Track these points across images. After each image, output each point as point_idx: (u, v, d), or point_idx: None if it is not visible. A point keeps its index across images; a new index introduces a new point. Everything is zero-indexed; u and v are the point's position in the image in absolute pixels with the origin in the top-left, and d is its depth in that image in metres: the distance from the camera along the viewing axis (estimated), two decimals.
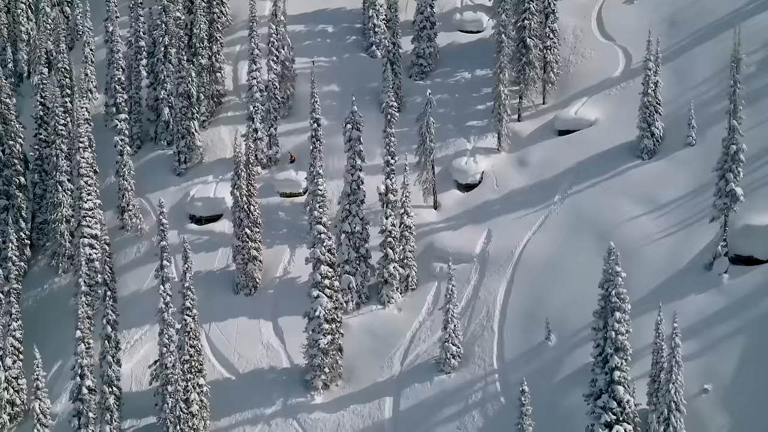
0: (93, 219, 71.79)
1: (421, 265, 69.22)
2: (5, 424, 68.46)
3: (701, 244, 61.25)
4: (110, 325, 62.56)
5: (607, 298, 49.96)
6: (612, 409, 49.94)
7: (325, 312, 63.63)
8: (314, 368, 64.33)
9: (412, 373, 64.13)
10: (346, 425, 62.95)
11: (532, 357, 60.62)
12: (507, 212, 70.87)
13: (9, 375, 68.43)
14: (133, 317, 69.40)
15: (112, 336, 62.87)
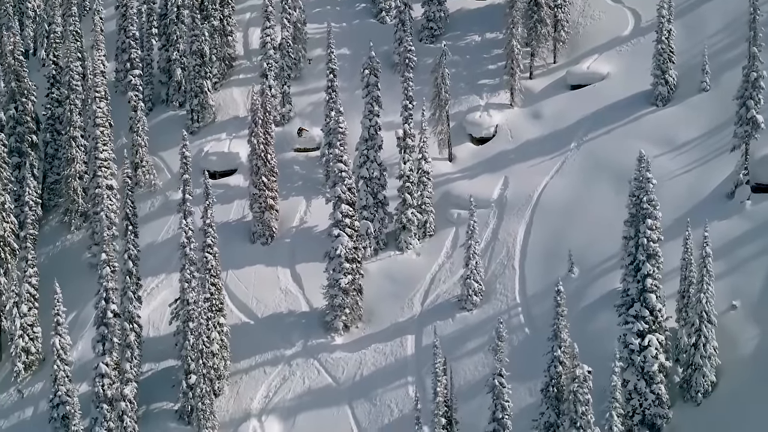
0: (108, 170, 71.57)
1: (438, 213, 69.23)
2: (20, 372, 67.82)
3: (722, 176, 61.65)
4: (131, 260, 62.16)
5: (638, 205, 50.19)
6: (644, 318, 49.95)
7: (346, 251, 63.54)
8: (334, 309, 64.09)
9: (434, 312, 64.02)
10: (368, 363, 62.69)
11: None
12: (523, 160, 71.19)
13: (24, 322, 67.94)
14: (149, 267, 68.98)
15: (134, 271, 62.44)
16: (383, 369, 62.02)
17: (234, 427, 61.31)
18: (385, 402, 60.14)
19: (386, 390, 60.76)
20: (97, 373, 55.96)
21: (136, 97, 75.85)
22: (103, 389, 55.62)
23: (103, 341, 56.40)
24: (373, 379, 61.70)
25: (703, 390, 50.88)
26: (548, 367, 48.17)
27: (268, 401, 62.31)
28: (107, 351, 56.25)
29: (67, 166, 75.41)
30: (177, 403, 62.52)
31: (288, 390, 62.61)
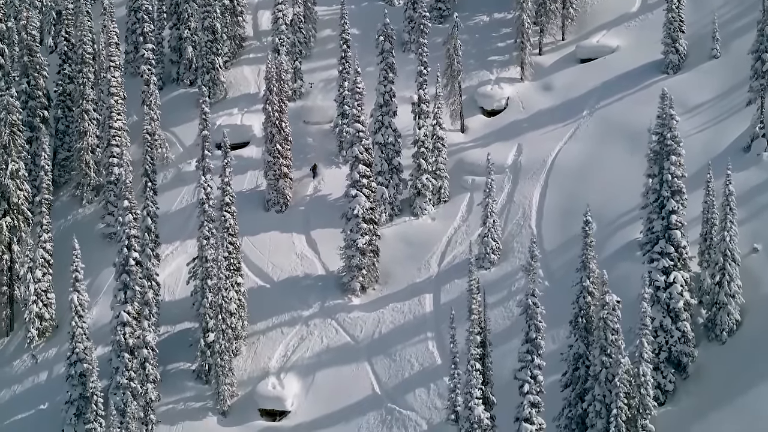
0: (122, 139, 71.71)
1: (452, 181, 69.49)
2: (34, 338, 67.42)
3: (737, 132, 62.18)
4: (150, 217, 62.06)
5: (662, 142, 50.56)
6: (669, 255, 50.14)
7: (363, 211, 63.67)
8: (351, 269, 64.10)
9: (451, 271, 64.14)
10: (386, 321, 62.67)
11: (574, 244, 60.26)
12: (535, 129, 71.68)
13: (38, 288, 67.65)
14: (163, 235, 68.59)
15: (152, 228, 62.30)
16: (401, 326, 62.04)
17: (252, 385, 61.10)
18: (405, 357, 60.10)
19: (405, 346, 60.74)
20: (119, 322, 55.67)
21: (148, 71, 76.16)
22: (125, 338, 55.29)
23: (125, 289, 56.16)
24: (391, 336, 61.70)
25: (728, 329, 50.92)
26: (577, 298, 48.24)
27: (286, 360, 62.20)
28: (129, 300, 56.00)
29: (79, 139, 75.41)
30: (194, 363, 62.35)
31: (306, 349, 62.53)
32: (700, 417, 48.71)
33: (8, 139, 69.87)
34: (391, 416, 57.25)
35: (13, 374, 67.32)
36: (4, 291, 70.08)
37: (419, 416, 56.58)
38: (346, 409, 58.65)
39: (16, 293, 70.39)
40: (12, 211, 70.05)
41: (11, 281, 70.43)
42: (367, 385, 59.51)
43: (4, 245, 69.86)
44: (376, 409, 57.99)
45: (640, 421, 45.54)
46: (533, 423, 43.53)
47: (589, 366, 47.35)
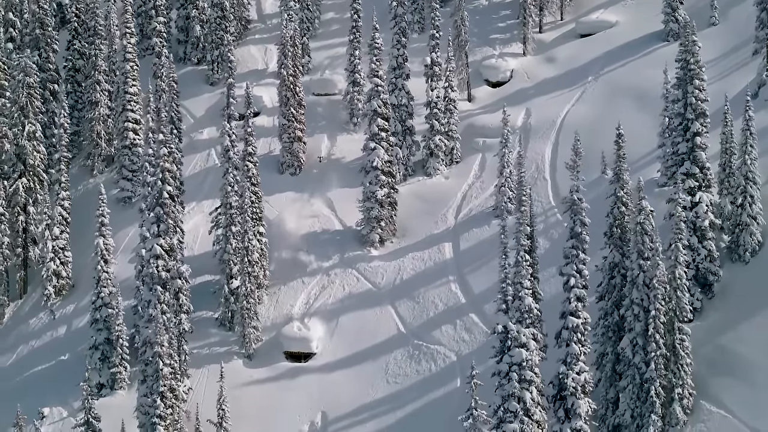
0: (137, 104, 72.65)
1: (463, 143, 71.17)
2: (51, 295, 67.52)
3: (743, 83, 64.54)
4: (175, 164, 62.59)
5: (685, 67, 52.65)
6: (694, 175, 51.96)
7: (382, 164, 64.99)
8: (370, 221, 65.18)
9: (468, 222, 65.51)
10: (407, 269, 63.68)
11: (591, 189, 61.61)
12: (542, 95, 73.74)
13: (56, 245, 67.89)
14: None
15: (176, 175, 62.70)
16: (423, 272, 63.09)
17: (276, 330, 61.66)
18: (428, 299, 61.10)
19: (428, 289, 61.77)
20: (151, 255, 56.15)
21: (160, 43, 77.37)
22: (158, 270, 55.77)
23: (158, 222, 56.71)
24: (413, 281, 62.72)
25: (751, 249, 52.73)
26: (611, 209, 49.64)
27: (309, 306, 62.91)
28: (162, 233, 56.56)
29: (90, 110, 76.11)
30: (217, 312, 62.83)
31: (328, 296, 63.30)
32: (729, 330, 50.28)
33: (25, 101, 70.52)
34: (418, 351, 58.10)
35: (30, 331, 67.23)
36: (18, 253, 70.24)
37: (447, 349, 57.51)
38: (372, 349, 59.44)
39: (30, 255, 70.57)
40: (28, 173, 70.55)
41: (26, 243, 70.62)
42: (391, 326, 60.39)
43: (19, 207, 70.16)
44: (402, 347, 58.84)
45: (677, 323, 46.94)
46: (579, 317, 44.74)
47: (625, 273, 48.72)
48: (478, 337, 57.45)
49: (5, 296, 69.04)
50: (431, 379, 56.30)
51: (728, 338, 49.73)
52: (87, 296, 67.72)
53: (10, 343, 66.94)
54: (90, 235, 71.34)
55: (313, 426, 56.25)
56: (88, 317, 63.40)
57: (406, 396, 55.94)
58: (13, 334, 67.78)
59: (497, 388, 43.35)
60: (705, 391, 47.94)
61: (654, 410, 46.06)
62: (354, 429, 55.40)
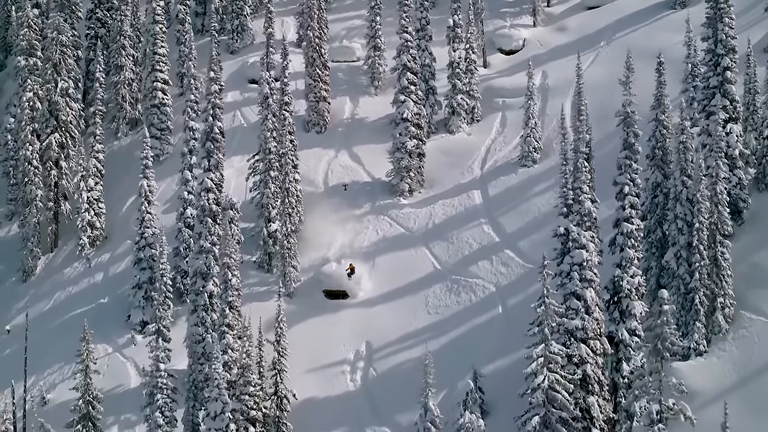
0: (165, 65, 74.51)
1: (483, 104, 73.80)
2: (85, 245, 68.82)
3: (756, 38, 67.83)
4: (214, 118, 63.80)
5: (715, 6, 55.85)
6: (725, 107, 54.95)
7: (412, 115, 67.43)
8: (400, 171, 67.47)
9: (495, 172, 68.05)
10: (438, 214, 65.97)
11: (614, 136, 64.96)
12: (556, 59, 76.68)
13: (91, 197, 69.36)
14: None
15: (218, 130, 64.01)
16: (454, 217, 65.42)
17: (314, 271, 63.49)
18: (462, 239, 63.39)
19: (461, 231, 64.07)
20: (203, 188, 57.90)
21: (183, 11, 79.27)
22: (209, 203, 57.50)
23: (209, 157, 58.51)
24: (445, 225, 65.02)
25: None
26: (653, 132, 52.37)
27: (344, 249, 64.87)
28: (212, 167, 58.35)
29: (116, 73, 77.73)
30: (255, 255, 64.53)
31: (363, 239, 65.41)
32: (761, 249, 53.12)
33: (59, 58, 72.08)
34: (457, 285, 60.29)
35: (65, 279, 68.53)
36: (50, 207, 71.49)
37: (486, 281, 59.76)
38: (410, 285, 61.54)
39: (61, 210, 71.86)
40: (60, 129, 71.96)
41: (57, 198, 71.92)
42: (427, 265, 62.56)
43: (51, 161, 71.51)
44: (441, 282, 61.02)
45: (718, 236, 49.69)
46: (632, 223, 47.30)
47: (667, 192, 51.42)
48: (515, 269, 59.86)
49: (38, 248, 70.21)
50: (472, 309, 58.49)
51: (761, 256, 52.59)
52: (121, 246, 69.53)
53: (46, 290, 68.17)
54: (119, 193, 73.39)
55: (358, 354, 58.14)
56: (131, 258, 65.05)
57: (448, 324, 58.07)
58: (47, 282, 69.05)
59: (559, 287, 45.59)
60: (744, 303, 50.63)
61: (698, 318, 48.64)
62: (399, 355, 57.38)
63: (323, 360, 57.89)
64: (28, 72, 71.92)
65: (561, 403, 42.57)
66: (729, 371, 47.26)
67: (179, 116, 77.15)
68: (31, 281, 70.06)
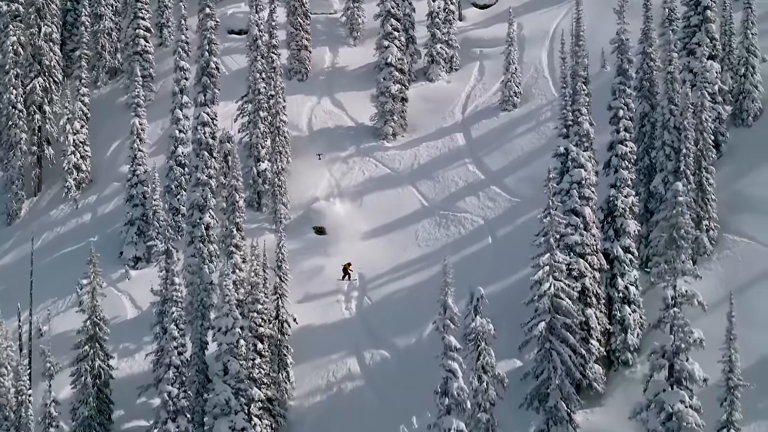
0: (147, 13, 75.12)
1: (461, 53, 75.58)
2: (71, 187, 69.33)
3: None
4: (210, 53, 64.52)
5: None
6: (705, 44, 57.33)
7: (396, 60, 69.05)
8: (384, 115, 69.05)
9: (476, 116, 69.96)
10: (422, 155, 67.71)
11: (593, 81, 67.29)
12: (531, 11, 78.75)
13: (77, 139, 69.88)
14: None
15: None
16: (438, 158, 67.21)
17: (303, 209, 64.78)
18: (448, 178, 65.22)
19: (446, 170, 65.88)
20: (199, 122, 58.80)
21: None
22: (205, 137, 58.48)
23: (204, 91, 59.40)
24: (430, 165, 66.80)
25: (753, 114, 58.55)
26: (641, 64, 54.42)
27: (332, 189, 66.31)
28: (208, 101, 59.29)
29: (95, 22, 77.98)
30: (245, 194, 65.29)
31: (350, 180, 66.94)
32: (741, 178, 55.69)
33: (42, 2, 72.27)
34: (446, 219, 62.09)
35: (52, 221, 68.99)
36: (34, 151, 71.75)
37: (474, 215, 61.65)
38: (399, 221, 63.23)
39: (45, 154, 72.18)
40: (44, 74, 72.23)
41: (41, 142, 72.20)
42: (415, 202, 64.28)
43: (35, 106, 71.74)
44: (429, 217, 62.78)
45: (703, 163, 52.13)
46: (626, 146, 49.46)
47: (654, 122, 53.72)
48: (502, 204, 61.84)
49: (22, 192, 70.49)
50: (462, 240, 60.35)
51: (741, 184, 55.18)
52: (108, 188, 70.24)
53: (33, 231, 68.43)
54: (102, 138, 73.89)
55: (351, 285, 59.63)
56: (119, 198, 65.96)
57: (439, 255, 58.91)
58: (34, 224, 69.40)
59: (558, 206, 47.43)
60: (727, 227, 53.13)
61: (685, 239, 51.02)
62: (392, 284, 59.01)
63: (317, 291, 59.32)
64: (11, 17, 72.00)
65: (566, 310, 44.57)
66: (716, 287, 49.56)
67: (160, 65, 78.54)
68: (16, 224, 70.38)
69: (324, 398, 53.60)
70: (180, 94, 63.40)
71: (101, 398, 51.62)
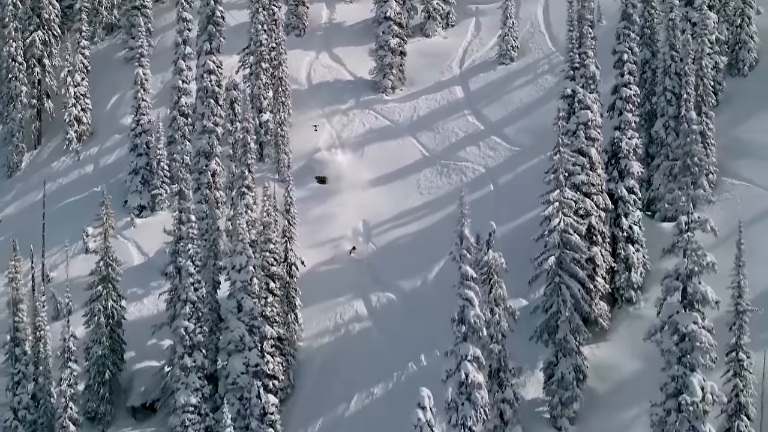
0: None
1: (457, 9, 76.29)
2: (72, 139, 69.77)
3: None
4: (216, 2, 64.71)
5: None
6: None
7: (395, 14, 69.85)
8: (383, 69, 69.85)
9: (474, 70, 70.76)
10: (422, 107, 68.54)
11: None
12: None
13: (78, 92, 70.27)
14: None
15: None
16: (438, 110, 68.04)
17: (305, 160, 65.58)
18: (448, 129, 66.07)
19: (446, 121, 66.74)
20: (205, 70, 59.49)
21: None
22: (211, 84, 59.13)
23: (210, 40, 60.02)
24: (430, 117, 67.64)
25: (749, 64, 59.87)
26: (642, 12, 55.43)
27: (333, 140, 67.15)
28: (214, 50, 59.89)
29: None
30: None
31: (350, 131, 67.73)
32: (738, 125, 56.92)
33: None
34: (447, 168, 63.05)
35: (54, 172, 69.46)
36: (34, 104, 72.04)
37: (475, 164, 62.66)
38: (400, 170, 64.11)
39: (45, 107, 72.54)
40: (43, 27, 72.48)
41: (40, 95, 72.51)
42: (416, 153, 65.14)
43: (35, 59, 72.01)
44: (430, 166, 63.69)
45: (704, 108, 53.38)
46: (630, 89, 50.58)
47: (655, 69, 54.94)
48: (503, 153, 62.83)
49: (22, 144, 70.86)
50: (464, 188, 61.06)
51: (739, 131, 56.41)
52: (109, 140, 70.72)
53: (35, 182, 68.95)
54: (101, 92, 74.26)
55: (356, 231, 60.62)
56: (121, 150, 66.52)
57: (442, 202, 60.71)
58: (35, 176, 69.86)
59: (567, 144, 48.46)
60: (726, 171, 54.36)
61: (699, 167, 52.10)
62: (396, 230, 60.04)
63: (322, 237, 60.24)
64: None
65: (574, 245, 45.77)
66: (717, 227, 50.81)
67: (157, 20, 78.93)
68: (17, 176, 70.80)
69: (332, 339, 54.74)
70: (183, 45, 63.83)
71: (114, 338, 52.45)
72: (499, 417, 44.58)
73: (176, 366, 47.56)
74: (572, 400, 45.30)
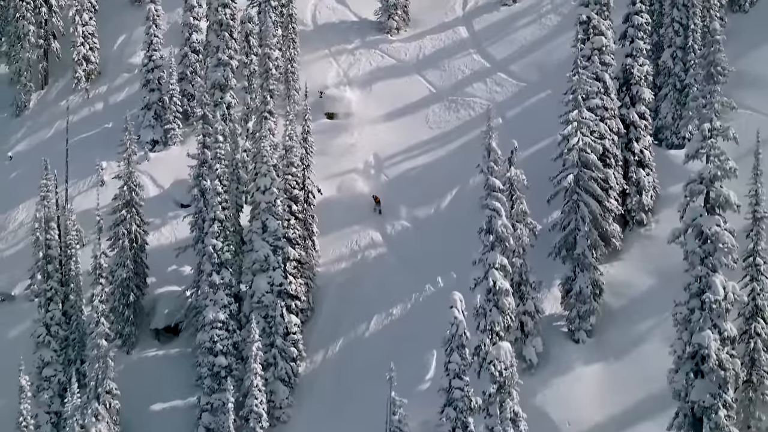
0: None
1: None
2: (81, 78, 70.46)
3: None
4: None
5: None
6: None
7: None
8: (388, 9, 70.89)
9: (477, 11, 71.92)
10: (427, 47, 69.77)
11: None
12: None
13: (86, 31, 70.92)
14: None
15: None
16: (443, 49, 69.28)
17: (314, 96, 66.58)
18: (454, 67, 67.37)
19: (452, 60, 68.02)
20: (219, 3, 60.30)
21: None
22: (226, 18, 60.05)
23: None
24: (435, 55, 68.90)
25: (750, 1, 61.49)
26: None
27: (340, 78, 68.28)
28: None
29: None
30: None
31: (357, 69, 68.94)
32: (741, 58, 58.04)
33: None
34: (455, 104, 64.41)
35: (63, 110, 69.86)
36: (41, 44, 72.52)
37: (482, 99, 63.98)
38: (409, 106, 65.42)
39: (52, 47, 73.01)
40: None
41: (47, 35, 72.97)
42: (423, 89, 66.43)
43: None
44: (438, 102, 65.05)
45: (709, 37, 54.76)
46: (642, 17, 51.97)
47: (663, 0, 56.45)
48: (510, 88, 64.22)
49: (30, 83, 71.43)
50: (472, 122, 62.53)
51: (742, 63, 57.84)
52: (118, 78, 71.42)
53: (45, 120, 69.68)
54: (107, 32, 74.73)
55: (367, 164, 61.90)
56: (130, 88, 67.29)
57: (451, 135, 62.23)
58: (44, 114, 70.62)
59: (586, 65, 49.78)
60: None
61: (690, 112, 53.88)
62: (406, 163, 61.42)
63: (335, 169, 61.46)
64: None
65: (592, 164, 47.31)
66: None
67: None
68: (26, 115, 71.46)
69: (349, 265, 56.17)
70: None
71: (138, 261, 53.53)
72: (520, 329, 46.28)
73: (204, 283, 48.70)
74: (590, 313, 46.99)
